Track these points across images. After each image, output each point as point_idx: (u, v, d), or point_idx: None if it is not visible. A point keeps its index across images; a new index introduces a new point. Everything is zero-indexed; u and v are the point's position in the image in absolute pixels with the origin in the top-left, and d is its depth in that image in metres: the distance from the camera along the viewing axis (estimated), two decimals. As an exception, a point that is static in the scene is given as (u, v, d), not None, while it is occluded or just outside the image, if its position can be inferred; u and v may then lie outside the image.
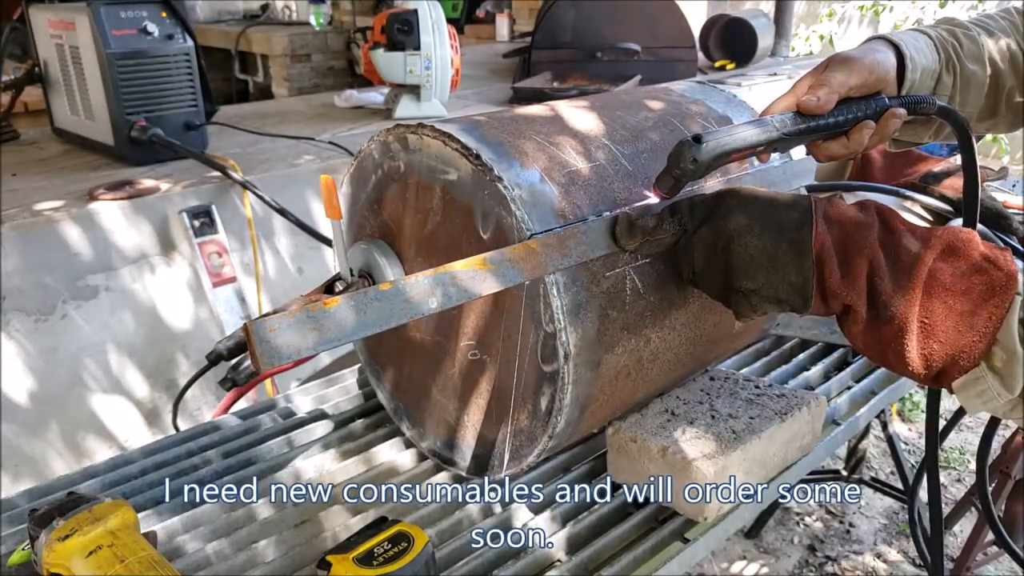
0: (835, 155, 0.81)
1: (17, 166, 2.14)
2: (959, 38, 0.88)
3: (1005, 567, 2.18)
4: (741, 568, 2.30)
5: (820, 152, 0.81)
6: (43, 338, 1.69)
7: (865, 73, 0.79)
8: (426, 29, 2.45)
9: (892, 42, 0.83)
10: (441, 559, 0.81)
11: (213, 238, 1.89)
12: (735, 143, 0.72)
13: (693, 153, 0.71)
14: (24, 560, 0.79)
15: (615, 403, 0.88)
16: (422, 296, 0.64)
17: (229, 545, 0.85)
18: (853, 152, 0.80)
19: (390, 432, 1.07)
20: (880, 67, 0.80)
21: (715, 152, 0.71)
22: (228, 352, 1.04)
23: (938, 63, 0.86)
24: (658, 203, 0.80)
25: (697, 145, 0.70)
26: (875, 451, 2.72)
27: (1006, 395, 0.65)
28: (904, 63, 0.82)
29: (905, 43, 0.83)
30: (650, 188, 0.79)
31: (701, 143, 0.70)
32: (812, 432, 0.99)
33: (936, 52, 0.86)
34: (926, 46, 0.85)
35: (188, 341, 1.91)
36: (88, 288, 1.75)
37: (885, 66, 0.80)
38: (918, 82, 0.84)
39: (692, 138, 0.71)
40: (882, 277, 0.68)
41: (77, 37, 2.04)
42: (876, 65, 0.80)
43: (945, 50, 0.86)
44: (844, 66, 0.78)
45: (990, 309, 0.65)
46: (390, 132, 0.87)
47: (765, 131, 0.74)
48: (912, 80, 0.83)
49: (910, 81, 0.83)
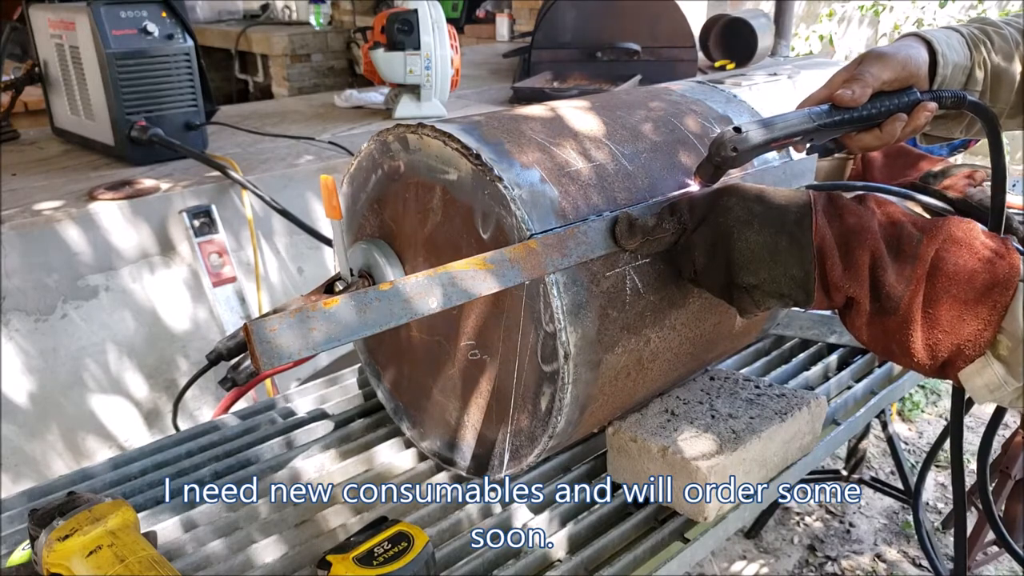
0: (868, 146, 0.85)
1: (17, 166, 2.14)
2: (991, 36, 0.90)
3: (1005, 567, 2.18)
4: (741, 568, 2.30)
5: (854, 143, 0.85)
6: (43, 338, 1.69)
7: (898, 68, 0.82)
8: (426, 29, 2.45)
9: (924, 38, 0.86)
10: (441, 559, 0.81)
11: (213, 238, 1.89)
12: (775, 132, 0.76)
13: (735, 142, 0.74)
14: (24, 560, 0.79)
15: (615, 403, 0.88)
16: (422, 296, 0.64)
17: (229, 545, 0.85)
18: (886, 143, 0.84)
19: (390, 432, 1.07)
20: (913, 62, 0.83)
21: (756, 141, 0.75)
22: (228, 352, 1.04)
23: (969, 59, 0.89)
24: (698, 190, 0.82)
25: (739, 134, 0.74)
26: (875, 451, 2.72)
27: (1013, 383, 0.65)
28: (936, 59, 0.85)
29: (937, 39, 0.86)
30: (653, 190, 0.79)
31: (742, 133, 0.74)
32: (812, 432, 0.99)
33: (968, 49, 0.89)
34: (957, 43, 0.88)
35: (188, 341, 1.91)
36: (88, 288, 1.75)
37: (917, 61, 0.84)
38: (949, 77, 0.87)
39: (733, 128, 0.74)
40: (884, 268, 0.68)
41: (77, 37, 2.04)
42: (909, 60, 0.83)
43: (976, 47, 0.89)
44: (878, 61, 0.82)
45: (994, 297, 0.65)
46: (390, 132, 0.87)
47: (803, 121, 0.79)
48: (943, 75, 0.86)
49: (941, 76, 0.86)
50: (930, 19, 4.97)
